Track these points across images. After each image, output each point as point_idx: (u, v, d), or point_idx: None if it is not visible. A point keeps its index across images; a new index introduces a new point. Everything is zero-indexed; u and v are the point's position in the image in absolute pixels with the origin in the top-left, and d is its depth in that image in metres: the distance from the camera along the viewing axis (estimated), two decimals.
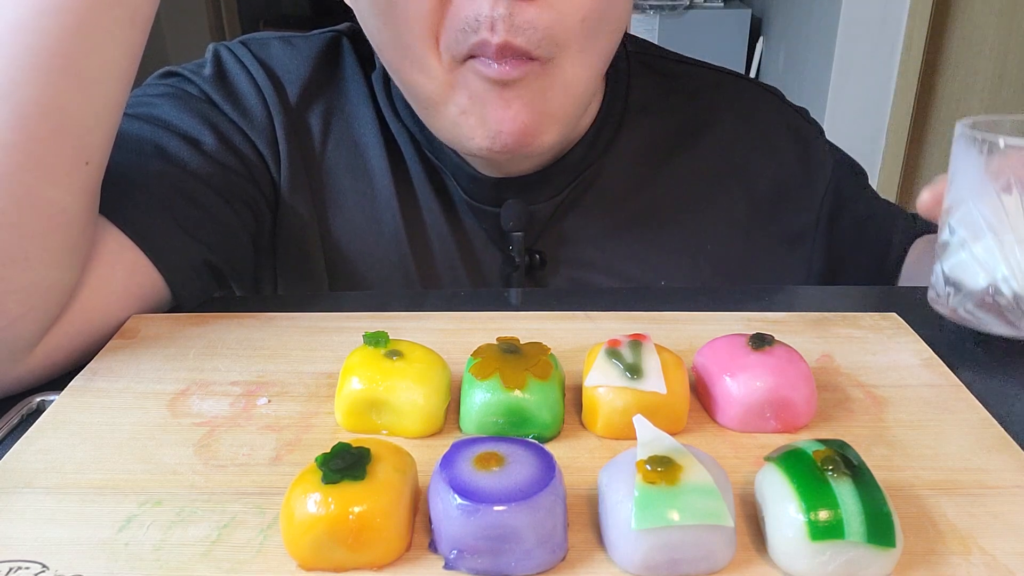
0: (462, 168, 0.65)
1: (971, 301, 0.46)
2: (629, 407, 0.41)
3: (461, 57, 0.53)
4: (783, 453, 0.36)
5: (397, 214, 0.66)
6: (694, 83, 0.73)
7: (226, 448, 0.41)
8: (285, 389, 0.46)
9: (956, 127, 0.46)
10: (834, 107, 2.32)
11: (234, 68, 0.65)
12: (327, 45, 0.68)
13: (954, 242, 0.46)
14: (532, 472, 0.34)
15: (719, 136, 0.71)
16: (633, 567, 0.33)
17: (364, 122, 0.66)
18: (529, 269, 0.67)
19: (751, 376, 0.42)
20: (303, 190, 0.65)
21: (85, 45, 0.46)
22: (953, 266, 0.47)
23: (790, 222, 0.72)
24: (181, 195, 0.57)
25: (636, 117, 0.69)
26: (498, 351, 0.42)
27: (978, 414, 0.44)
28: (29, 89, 0.45)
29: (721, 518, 0.32)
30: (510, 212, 0.65)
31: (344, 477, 0.33)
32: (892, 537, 0.32)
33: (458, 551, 0.33)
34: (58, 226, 0.47)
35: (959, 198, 0.46)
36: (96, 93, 0.48)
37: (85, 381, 0.47)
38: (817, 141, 0.74)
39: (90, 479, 0.39)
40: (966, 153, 0.45)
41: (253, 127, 0.63)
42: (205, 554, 0.34)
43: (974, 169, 0.45)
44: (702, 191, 0.70)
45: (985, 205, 0.44)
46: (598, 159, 0.67)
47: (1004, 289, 0.45)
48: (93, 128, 0.48)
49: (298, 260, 0.66)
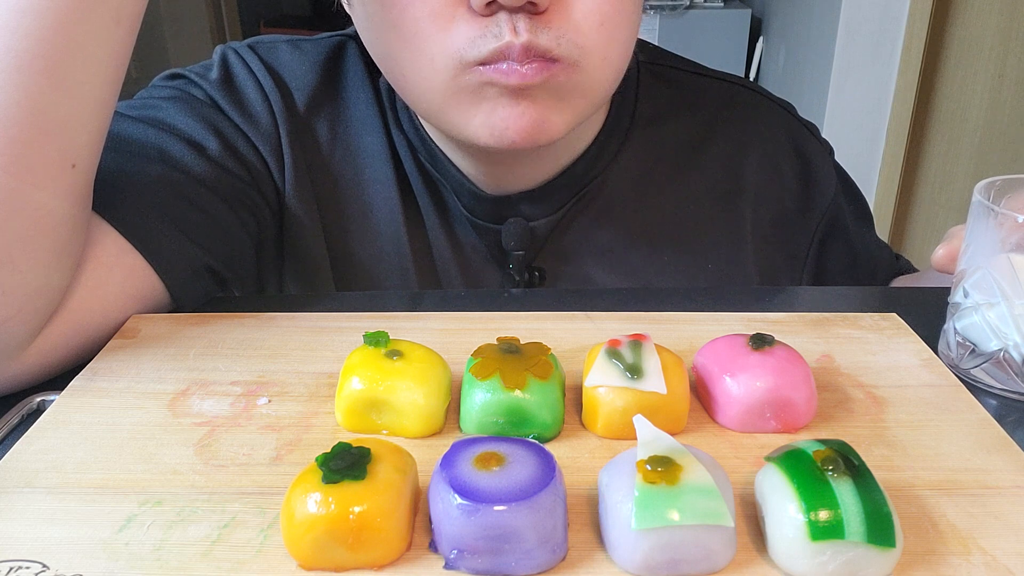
0: (463, 184, 0.64)
1: (981, 361, 0.48)
2: (629, 407, 0.41)
3: (474, 62, 0.51)
4: (783, 453, 0.36)
5: (400, 226, 0.65)
6: (704, 96, 0.71)
7: (226, 448, 0.41)
8: (285, 389, 0.46)
9: (974, 193, 0.47)
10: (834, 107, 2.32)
11: (241, 73, 0.64)
12: (334, 50, 0.67)
13: (967, 304, 0.48)
14: (532, 472, 0.34)
15: (726, 153, 0.69)
16: (633, 567, 0.33)
17: (369, 130, 0.66)
18: (528, 286, 0.66)
19: (751, 376, 0.42)
20: (307, 197, 0.64)
21: (68, 46, 0.46)
22: (966, 327, 0.49)
23: (787, 244, 0.71)
24: (182, 199, 0.57)
25: (642, 130, 0.68)
26: (498, 351, 0.42)
27: (978, 414, 0.44)
28: (11, 91, 0.44)
29: (721, 518, 0.32)
30: (511, 231, 0.64)
31: (344, 477, 0.33)
32: (892, 537, 0.32)
33: (458, 551, 0.33)
34: (45, 229, 0.47)
35: (975, 263, 0.48)
36: (81, 94, 0.47)
37: (85, 381, 0.47)
38: (823, 162, 0.72)
39: (90, 479, 0.39)
40: (983, 221, 0.47)
41: (258, 133, 0.62)
42: (205, 554, 0.34)
43: (990, 237, 0.46)
44: (706, 210, 0.69)
45: (1000, 273, 0.46)
46: (601, 173, 0.66)
47: (1015, 354, 0.47)
48: (78, 130, 0.48)
49: (305, 267, 0.66)
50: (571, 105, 0.55)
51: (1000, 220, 0.46)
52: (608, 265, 0.67)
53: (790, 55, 2.70)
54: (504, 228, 0.64)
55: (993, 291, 0.46)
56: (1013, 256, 0.46)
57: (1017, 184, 0.48)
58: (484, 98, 0.53)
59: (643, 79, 0.69)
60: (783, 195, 0.70)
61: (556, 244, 0.67)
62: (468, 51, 0.51)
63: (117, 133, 0.57)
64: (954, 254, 0.51)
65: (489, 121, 0.53)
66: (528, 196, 0.64)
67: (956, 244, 0.52)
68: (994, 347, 0.47)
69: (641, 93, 0.69)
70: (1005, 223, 0.45)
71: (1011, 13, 2.16)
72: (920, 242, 2.47)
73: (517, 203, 0.64)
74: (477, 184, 0.64)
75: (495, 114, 0.53)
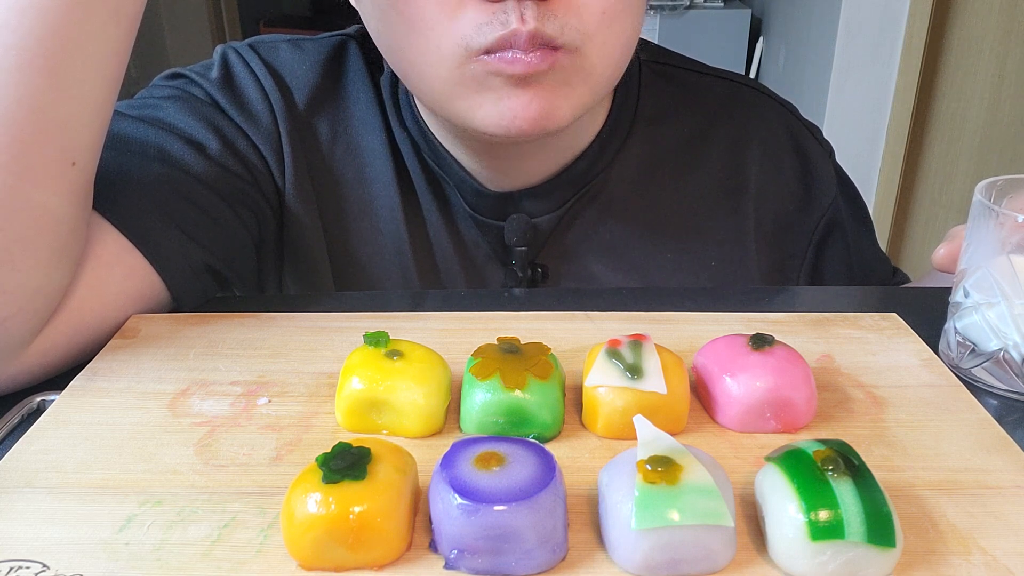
0: (465, 181, 0.64)
1: (981, 360, 0.48)
2: (629, 407, 0.41)
3: (479, 50, 0.51)
4: (783, 453, 0.36)
5: (401, 224, 0.65)
6: (707, 95, 0.71)
7: (226, 448, 0.41)
8: (285, 389, 0.46)
9: (974, 193, 0.47)
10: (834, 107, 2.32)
11: (242, 72, 0.64)
12: (335, 49, 0.67)
13: (967, 304, 0.48)
14: (532, 472, 0.34)
15: (728, 151, 0.70)
16: (633, 567, 0.33)
17: (370, 129, 0.66)
18: (531, 283, 0.66)
19: (751, 376, 0.42)
20: (308, 197, 0.64)
21: (68, 44, 0.46)
22: (966, 326, 0.49)
23: (786, 245, 0.71)
24: (183, 198, 0.57)
25: (645, 128, 0.68)
26: (498, 351, 0.42)
27: (978, 414, 0.44)
28: (11, 90, 0.45)
29: (721, 518, 0.32)
30: (514, 227, 0.64)
31: (344, 477, 0.33)
32: (892, 537, 0.32)
33: (458, 551, 0.33)
34: (45, 228, 0.47)
35: (975, 263, 0.48)
36: (81, 93, 0.47)
37: (85, 381, 0.47)
38: (824, 164, 0.72)
39: (90, 479, 0.39)
40: (983, 221, 0.47)
41: (259, 133, 0.63)
42: (205, 554, 0.34)
43: (991, 237, 0.46)
44: (708, 207, 0.69)
45: (1000, 273, 0.46)
46: (604, 170, 0.66)
47: (1014, 354, 0.47)
48: (79, 129, 0.48)
49: (305, 267, 0.66)
50: (576, 92, 0.55)
51: (1001, 220, 0.46)
52: (610, 262, 0.67)
53: (790, 55, 2.70)
54: (507, 224, 0.64)
55: (993, 291, 0.46)
56: (1013, 256, 0.46)
57: (1018, 184, 0.49)
58: (490, 87, 0.53)
59: (645, 77, 0.69)
60: (783, 193, 0.71)
61: (558, 241, 0.67)
62: (474, 38, 0.51)
63: (117, 132, 0.57)
64: (955, 254, 0.52)
65: (496, 110, 0.53)
66: (531, 192, 0.65)
67: (957, 244, 0.52)
68: (994, 347, 0.47)
69: (643, 91, 0.69)
70: (1006, 223, 0.46)
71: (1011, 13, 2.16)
72: (920, 242, 2.47)
73: (520, 199, 0.65)
74: (480, 180, 0.64)
75: (502, 103, 0.53)
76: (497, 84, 0.52)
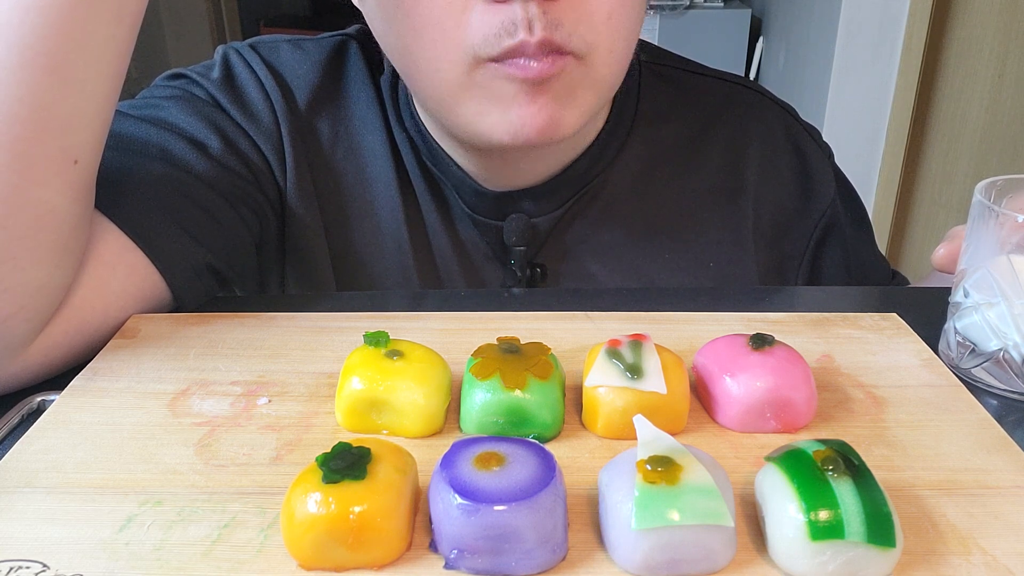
0: (464, 181, 0.64)
1: (981, 360, 0.48)
2: (629, 407, 0.41)
3: (487, 58, 0.51)
4: (783, 453, 0.36)
5: (401, 224, 0.65)
6: (706, 96, 0.71)
7: (226, 448, 0.41)
8: (285, 389, 0.46)
9: (974, 193, 0.47)
10: (834, 107, 2.32)
11: (243, 72, 0.64)
12: (335, 49, 0.67)
13: (967, 304, 0.48)
14: (532, 472, 0.34)
15: (727, 152, 0.70)
16: (633, 567, 0.33)
17: (371, 129, 0.66)
18: (530, 283, 0.66)
19: (751, 376, 0.42)
20: (309, 197, 0.64)
21: (71, 43, 0.46)
22: (966, 326, 0.49)
23: (785, 246, 0.71)
24: (184, 198, 0.57)
25: (644, 129, 0.68)
26: (498, 351, 0.42)
27: (978, 414, 0.44)
28: (13, 88, 0.45)
29: (721, 518, 0.32)
30: (513, 227, 0.64)
31: (344, 477, 0.33)
32: (892, 537, 0.32)
33: (458, 551, 0.33)
34: (47, 226, 0.47)
35: (975, 263, 0.48)
36: (83, 91, 0.47)
37: (86, 381, 0.47)
38: (823, 165, 0.72)
39: (90, 479, 0.39)
40: (984, 221, 0.47)
41: (260, 132, 0.63)
42: (205, 554, 0.34)
43: (991, 237, 0.47)
44: (707, 208, 0.69)
45: (1000, 273, 0.46)
46: (603, 171, 0.66)
47: (1014, 354, 0.47)
48: (81, 127, 0.48)
49: (306, 266, 0.66)
50: (581, 100, 0.55)
51: (1001, 220, 0.46)
52: (609, 262, 0.67)
53: (790, 55, 2.70)
54: (506, 224, 0.64)
55: (993, 291, 0.46)
56: (1013, 256, 0.46)
57: (1018, 184, 0.49)
58: (498, 95, 0.53)
59: (645, 78, 0.69)
60: (782, 194, 0.71)
61: (557, 241, 0.67)
62: (482, 48, 0.51)
63: (119, 132, 0.57)
64: (955, 254, 0.52)
65: (505, 118, 0.54)
66: (530, 193, 0.65)
67: (957, 244, 0.52)
68: (994, 347, 0.47)
69: (643, 92, 0.69)
70: (1006, 223, 0.46)
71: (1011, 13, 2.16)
72: (920, 242, 2.47)
73: (519, 200, 0.65)
74: (479, 181, 0.64)
75: (510, 112, 0.53)
76: (506, 91, 0.53)
